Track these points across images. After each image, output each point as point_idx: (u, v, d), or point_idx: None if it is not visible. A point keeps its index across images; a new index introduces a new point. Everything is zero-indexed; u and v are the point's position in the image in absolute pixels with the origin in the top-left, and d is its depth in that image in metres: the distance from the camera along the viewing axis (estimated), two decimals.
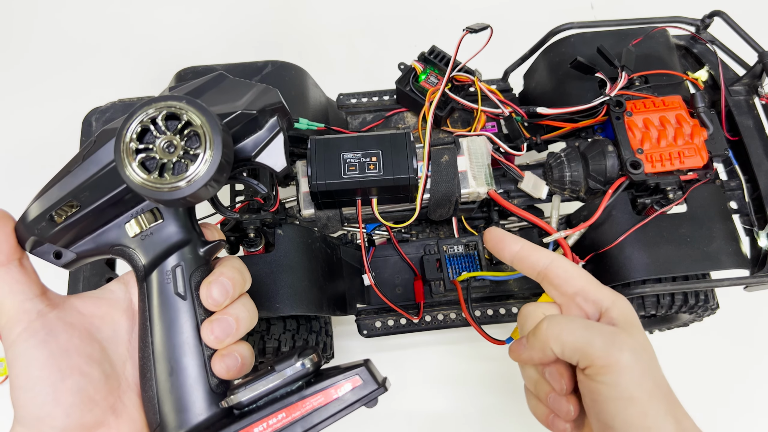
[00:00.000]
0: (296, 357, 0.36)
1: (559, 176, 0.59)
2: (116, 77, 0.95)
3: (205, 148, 0.33)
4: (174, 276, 0.37)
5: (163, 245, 0.37)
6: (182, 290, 0.37)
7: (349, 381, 0.36)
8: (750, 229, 0.61)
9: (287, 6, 1.02)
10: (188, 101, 0.33)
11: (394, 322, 0.62)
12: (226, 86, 0.38)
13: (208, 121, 0.33)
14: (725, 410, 0.76)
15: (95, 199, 0.36)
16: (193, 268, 0.37)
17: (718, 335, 0.78)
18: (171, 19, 1.01)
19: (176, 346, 0.36)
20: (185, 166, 0.33)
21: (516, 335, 0.55)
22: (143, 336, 0.37)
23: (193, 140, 0.34)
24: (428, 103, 0.62)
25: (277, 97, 0.39)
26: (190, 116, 0.33)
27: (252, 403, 0.36)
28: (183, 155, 0.33)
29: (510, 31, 0.81)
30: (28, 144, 0.89)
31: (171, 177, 0.33)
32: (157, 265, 0.37)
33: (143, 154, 0.33)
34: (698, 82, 0.64)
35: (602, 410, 0.36)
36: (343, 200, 0.57)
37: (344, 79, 0.94)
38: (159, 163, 0.33)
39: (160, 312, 0.37)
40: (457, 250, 0.60)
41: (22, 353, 0.34)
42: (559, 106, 0.61)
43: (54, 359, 0.34)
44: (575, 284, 0.42)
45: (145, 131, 0.34)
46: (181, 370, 0.36)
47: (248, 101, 0.37)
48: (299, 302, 0.54)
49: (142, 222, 0.37)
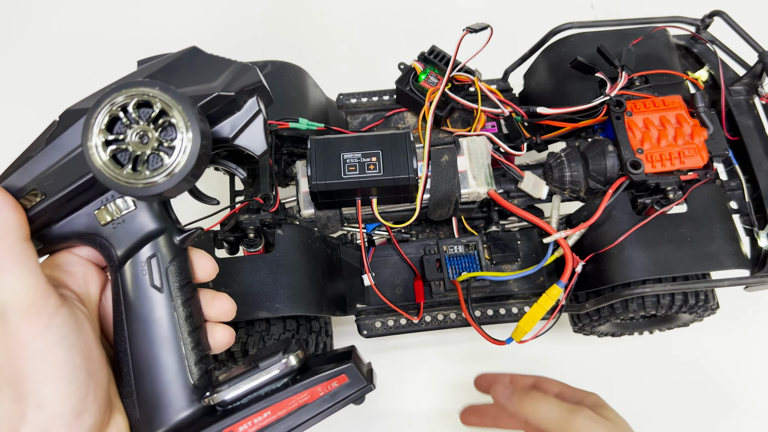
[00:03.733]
0: (281, 353, 0.35)
1: (559, 176, 0.59)
2: (115, 76, 0.95)
3: (182, 140, 0.31)
4: (149, 267, 0.35)
5: (137, 234, 0.35)
6: (158, 282, 0.35)
7: (335, 379, 0.36)
8: (750, 229, 0.61)
9: (287, 6, 1.02)
10: (162, 87, 0.31)
11: (394, 323, 0.62)
12: (200, 63, 0.35)
13: (184, 110, 0.31)
14: (725, 410, 0.76)
15: (61, 188, 0.33)
16: (170, 259, 0.35)
17: (718, 335, 0.78)
18: (171, 18, 1.01)
19: (153, 341, 0.34)
20: (160, 158, 0.31)
21: (516, 336, 0.55)
22: (118, 330, 0.35)
23: (168, 131, 0.31)
24: (428, 103, 0.62)
25: (256, 77, 0.36)
26: (164, 105, 0.31)
27: (236, 400, 0.35)
28: (158, 147, 0.31)
29: (510, 31, 0.81)
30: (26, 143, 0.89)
31: (146, 171, 0.31)
32: (132, 255, 0.35)
33: (113, 146, 0.31)
34: (698, 82, 0.64)
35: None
36: (343, 200, 0.57)
37: (344, 79, 0.94)
38: (132, 155, 0.31)
39: (135, 305, 0.34)
40: (457, 250, 0.60)
41: (58, 338, 0.31)
42: (559, 106, 0.61)
43: (83, 350, 0.32)
44: None
45: (115, 120, 0.31)
46: (160, 366, 0.34)
47: (225, 81, 0.35)
48: (299, 302, 0.54)
49: (114, 209, 0.34)
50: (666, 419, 0.75)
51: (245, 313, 0.52)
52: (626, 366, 0.78)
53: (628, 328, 0.74)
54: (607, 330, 0.73)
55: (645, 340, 0.78)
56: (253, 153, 0.37)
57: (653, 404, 0.76)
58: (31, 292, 0.30)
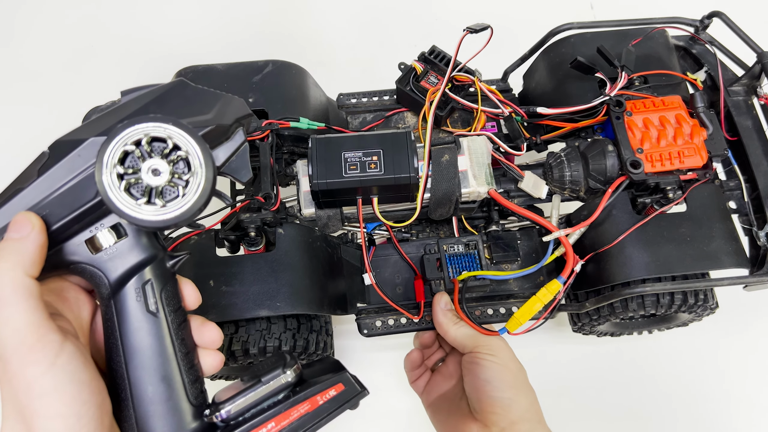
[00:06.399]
0: (281, 368, 0.37)
1: (559, 176, 0.60)
2: (116, 76, 0.95)
3: (196, 174, 0.32)
4: (144, 293, 0.35)
5: (129, 262, 0.35)
6: (153, 307, 0.35)
7: (333, 388, 0.38)
8: (749, 228, 0.61)
9: (288, 6, 1.03)
10: (174, 122, 0.32)
11: (395, 322, 0.63)
12: (190, 95, 0.36)
13: (198, 145, 0.32)
14: (725, 410, 0.76)
15: (56, 219, 0.33)
16: (163, 284, 0.36)
17: (717, 335, 0.78)
18: (172, 18, 1.01)
19: (151, 365, 0.35)
20: (175, 191, 0.32)
21: (511, 327, 0.55)
22: (113, 356, 0.35)
23: (180, 164, 0.32)
24: (428, 103, 0.62)
25: (246, 108, 0.38)
26: (178, 140, 0.32)
27: (239, 415, 0.36)
28: (170, 180, 0.32)
29: (510, 32, 0.81)
30: (27, 144, 0.88)
31: (161, 204, 0.31)
32: (126, 282, 0.35)
33: (128, 180, 0.31)
34: (697, 83, 0.65)
35: (483, 371, 0.51)
36: (343, 199, 0.57)
37: (345, 79, 0.94)
38: (147, 188, 0.31)
39: (131, 331, 0.35)
40: (457, 249, 0.60)
41: (67, 375, 0.31)
42: (559, 106, 0.62)
43: (90, 384, 0.32)
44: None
45: (126, 153, 0.31)
46: (159, 389, 0.35)
47: (219, 113, 0.36)
48: (300, 301, 0.54)
49: (105, 239, 0.34)
50: (666, 419, 0.75)
51: (246, 311, 0.52)
52: (626, 366, 0.78)
53: (627, 328, 0.74)
54: (607, 329, 0.73)
55: (644, 339, 0.78)
56: (239, 180, 0.38)
57: (653, 404, 0.76)
58: (34, 330, 0.30)
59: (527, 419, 0.50)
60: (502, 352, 0.53)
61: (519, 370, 0.53)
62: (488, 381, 0.51)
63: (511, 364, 0.52)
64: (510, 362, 0.53)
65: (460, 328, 0.56)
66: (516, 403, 0.50)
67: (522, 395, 0.51)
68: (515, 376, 0.52)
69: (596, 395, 0.77)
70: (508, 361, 0.53)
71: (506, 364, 0.52)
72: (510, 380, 0.51)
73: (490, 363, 0.52)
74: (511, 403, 0.50)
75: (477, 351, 0.53)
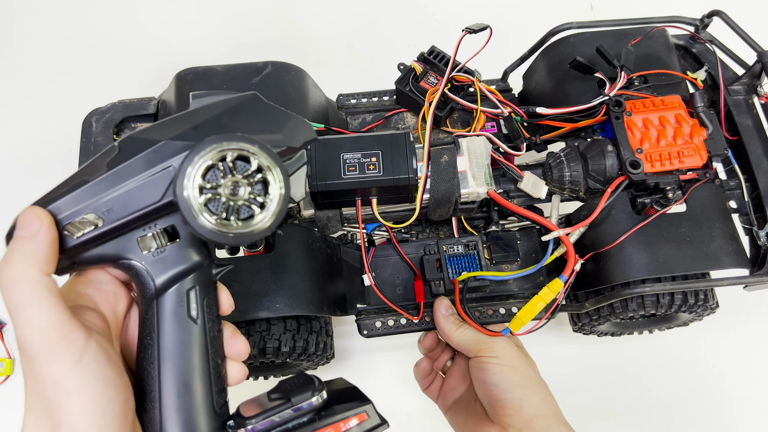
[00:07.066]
0: (311, 392, 0.37)
1: (559, 176, 0.59)
2: (116, 78, 0.95)
3: (275, 198, 0.32)
4: (188, 299, 0.36)
5: (178, 266, 0.35)
6: (195, 314, 0.36)
7: (356, 417, 0.39)
8: (749, 228, 0.61)
9: (287, 7, 1.03)
10: (261, 146, 0.32)
11: (395, 322, 0.63)
12: (261, 111, 0.37)
13: (281, 170, 0.32)
14: (725, 409, 0.76)
15: (122, 216, 0.33)
16: (206, 292, 0.37)
17: (717, 335, 0.78)
18: (171, 19, 1.01)
19: (186, 370, 0.35)
20: (251, 211, 0.32)
21: (513, 327, 0.55)
22: (147, 357, 0.35)
23: (258, 186, 0.32)
24: (428, 103, 0.62)
25: (313, 133, 0.38)
26: (262, 163, 0.32)
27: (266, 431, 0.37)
28: (248, 199, 0.32)
29: (509, 32, 0.81)
30: (28, 145, 0.89)
31: (238, 223, 0.31)
32: (171, 286, 0.35)
33: (205, 195, 0.31)
34: (697, 82, 0.64)
35: (489, 375, 0.52)
36: (343, 200, 0.57)
37: (344, 79, 0.94)
38: (224, 205, 0.31)
39: (170, 334, 0.35)
40: (456, 250, 0.60)
41: (93, 372, 0.31)
42: (559, 106, 0.62)
43: (115, 381, 0.32)
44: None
45: (209, 168, 0.31)
46: (190, 394, 0.35)
47: (290, 134, 0.36)
48: (299, 302, 0.54)
49: (158, 240, 0.35)
50: (666, 419, 0.75)
51: (246, 312, 0.53)
52: (626, 365, 0.78)
53: (627, 328, 0.74)
54: (607, 329, 0.73)
55: (644, 339, 0.78)
56: (293, 199, 0.38)
57: (653, 404, 0.76)
58: (58, 329, 0.30)
59: (541, 415, 0.50)
60: (505, 352, 0.53)
61: (527, 367, 0.53)
62: (496, 384, 0.51)
63: (516, 363, 0.52)
64: (515, 361, 0.52)
65: (463, 332, 0.56)
66: (527, 402, 0.50)
67: (532, 393, 0.51)
68: (522, 374, 0.52)
69: (596, 395, 0.77)
70: (514, 360, 0.52)
71: (511, 364, 0.52)
72: (517, 380, 0.51)
73: (495, 366, 0.52)
74: (522, 403, 0.50)
75: (481, 355, 0.53)
